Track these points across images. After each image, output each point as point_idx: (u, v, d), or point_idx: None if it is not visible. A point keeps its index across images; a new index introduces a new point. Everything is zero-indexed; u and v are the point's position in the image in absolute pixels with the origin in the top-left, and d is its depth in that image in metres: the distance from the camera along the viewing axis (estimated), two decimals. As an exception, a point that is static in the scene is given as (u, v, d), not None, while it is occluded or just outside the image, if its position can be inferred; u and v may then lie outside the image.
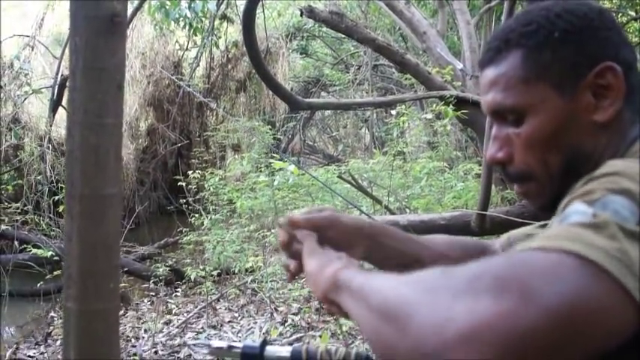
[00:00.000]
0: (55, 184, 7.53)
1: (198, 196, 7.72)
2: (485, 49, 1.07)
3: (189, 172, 7.80)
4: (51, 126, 8.44)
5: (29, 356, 4.37)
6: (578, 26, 0.98)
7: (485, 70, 1.05)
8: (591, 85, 0.97)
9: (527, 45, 1.00)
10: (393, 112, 5.92)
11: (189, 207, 7.57)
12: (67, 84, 1.53)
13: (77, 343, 1.51)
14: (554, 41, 0.98)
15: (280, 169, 5.72)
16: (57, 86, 8.22)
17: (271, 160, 6.20)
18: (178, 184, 7.87)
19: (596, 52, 0.97)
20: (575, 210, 0.77)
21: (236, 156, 10.82)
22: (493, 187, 4.24)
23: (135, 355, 4.01)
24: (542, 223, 1.36)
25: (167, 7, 8.86)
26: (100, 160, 1.48)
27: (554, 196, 1.01)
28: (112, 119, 1.49)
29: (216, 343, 1.24)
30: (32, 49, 9.38)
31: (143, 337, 4.45)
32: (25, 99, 8.64)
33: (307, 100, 6.42)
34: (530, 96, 1.00)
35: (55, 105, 8.35)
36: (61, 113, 8.39)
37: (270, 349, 1.21)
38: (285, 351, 1.21)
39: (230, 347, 1.22)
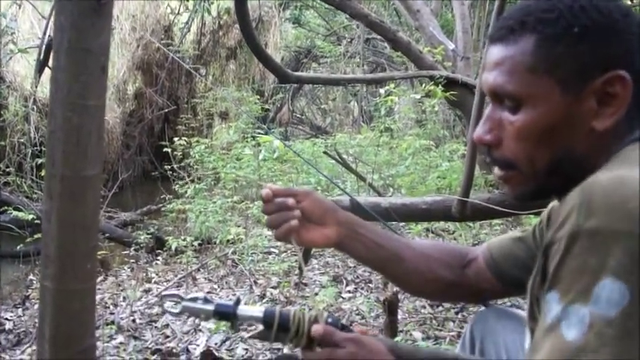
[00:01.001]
0: (38, 147, 7.48)
1: (183, 163, 7.70)
2: (498, 26, 1.03)
3: (176, 139, 7.76)
4: (36, 87, 8.34)
5: (6, 319, 4.38)
6: (600, 25, 0.94)
7: (493, 47, 1.02)
8: (598, 91, 0.94)
9: (543, 32, 0.96)
10: (382, 90, 5.90)
11: (174, 173, 7.56)
12: (51, 61, 1.51)
13: (52, 321, 1.52)
14: (572, 36, 0.94)
15: (266, 142, 5.70)
16: (44, 46, 8.11)
17: (257, 134, 6.18)
18: (164, 149, 7.85)
19: (612, 56, 0.94)
20: (565, 313, 0.79)
21: (223, 124, 10.79)
22: (477, 170, 4.26)
23: (112, 322, 4.02)
24: (520, 235, 1.38)
25: (159, -30, 8.74)
26: (81, 142, 1.47)
27: (535, 190, 1.04)
28: (95, 101, 1.48)
29: (189, 301, 1.23)
30: (19, 7, 9.23)
31: (121, 305, 4.46)
32: (11, 58, 8.52)
33: (296, 73, 6.38)
34: (534, 86, 0.97)
35: (41, 65, 8.24)
36: (48, 73, 8.29)
37: (243, 308, 1.22)
38: (258, 311, 1.22)
39: (203, 304, 1.22)
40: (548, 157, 0.98)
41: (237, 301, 1.23)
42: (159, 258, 5.65)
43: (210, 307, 1.22)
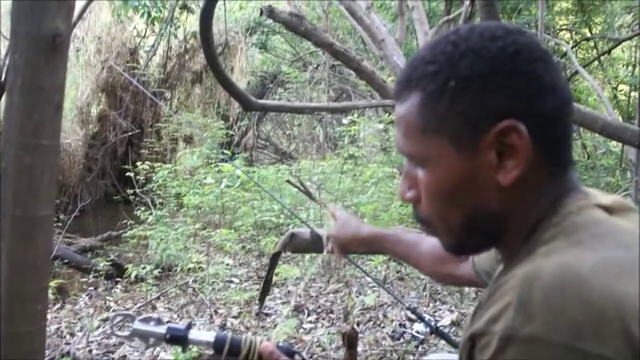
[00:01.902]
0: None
1: (146, 188, 7.64)
2: (397, 80, 0.97)
3: (139, 163, 7.70)
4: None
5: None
6: (482, 73, 0.86)
7: (396, 103, 0.95)
8: (493, 144, 0.86)
9: (425, 89, 0.89)
10: (345, 120, 5.93)
11: (137, 198, 7.49)
12: (4, 100, 1.49)
13: (0, 364, 1.49)
14: (452, 91, 0.87)
15: (227, 170, 5.69)
16: (5, 69, 7.97)
17: (220, 163, 6.15)
18: (127, 173, 7.78)
19: (501, 105, 0.85)
20: None
21: (187, 148, 10.72)
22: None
23: (68, 354, 3.94)
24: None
25: (126, -7, 8.70)
26: (33, 182, 1.45)
27: (460, 246, 0.98)
28: (48, 140, 1.46)
29: (139, 324, 1.24)
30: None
31: (78, 335, 4.38)
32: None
33: (261, 101, 6.36)
34: (426, 148, 0.91)
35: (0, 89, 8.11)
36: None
37: (194, 333, 1.23)
38: (210, 336, 1.23)
39: (155, 326, 1.24)
40: (459, 214, 0.92)
41: (189, 326, 1.24)
42: (118, 286, 5.57)
43: (161, 330, 1.22)
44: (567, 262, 0.77)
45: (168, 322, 1.30)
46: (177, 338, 1.22)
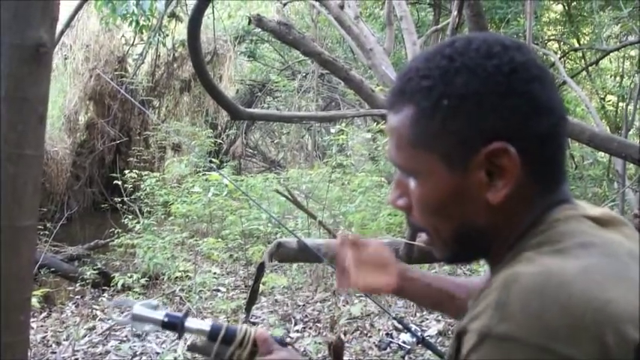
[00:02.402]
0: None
1: (133, 196, 7.62)
2: (390, 89, 0.96)
3: (127, 171, 7.69)
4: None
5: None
6: (476, 92, 0.85)
7: (388, 112, 0.95)
8: (483, 164, 0.86)
9: (419, 105, 0.88)
10: (333, 129, 5.94)
11: (124, 206, 7.47)
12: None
13: (-18, 375, 1.48)
14: (445, 109, 0.86)
15: (215, 179, 5.68)
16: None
17: (208, 171, 6.15)
18: (114, 182, 7.77)
19: (494, 126, 0.85)
20: None
21: (176, 157, 10.70)
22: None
23: (54, 363, 3.92)
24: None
25: (114, 2, 8.68)
26: (17, 192, 1.44)
27: (452, 256, 0.98)
28: (32, 151, 1.46)
29: (138, 308, 1.25)
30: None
31: (64, 344, 4.35)
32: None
33: (249, 110, 6.37)
34: (418, 162, 0.90)
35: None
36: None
37: (191, 320, 1.26)
38: (206, 325, 1.25)
39: (153, 312, 1.25)
40: (449, 227, 0.92)
41: (187, 314, 1.27)
42: (105, 294, 5.54)
43: (159, 316, 1.24)
44: (549, 267, 0.78)
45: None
46: (174, 325, 1.25)
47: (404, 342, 3.74)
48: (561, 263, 0.78)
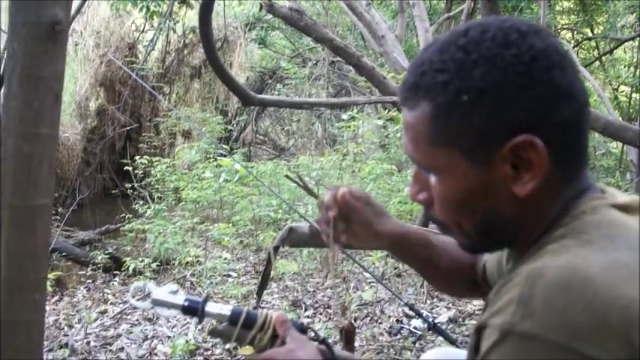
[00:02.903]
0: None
1: (144, 182, 7.64)
2: (402, 83, 0.92)
3: (137, 157, 7.70)
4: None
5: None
6: (496, 84, 0.81)
7: (403, 107, 0.92)
8: (509, 157, 0.83)
9: (435, 101, 0.85)
10: (344, 116, 5.92)
11: (135, 192, 7.50)
12: (3, 89, 1.49)
13: (-2, 353, 1.48)
14: (464, 105, 0.83)
15: (226, 165, 5.68)
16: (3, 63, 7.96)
17: (218, 156, 6.15)
18: (125, 168, 7.78)
19: (517, 118, 0.82)
20: None
21: (186, 143, 10.72)
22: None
23: (66, 345, 3.93)
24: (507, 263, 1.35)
25: (125, -12, 8.68)
26: (32, 171, 1.45)
27: (475, 246, 0.97)
28: (48, 129, 1.46)
29: (158, 293, 1.24)
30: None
31: (76, 327, 4.37)
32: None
33: (260, 96, 6.38)
34: (438, 159, 0.88)
35: None
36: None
37: (211, 305, 1.24)
38: (227, 309, 1.23)
39: (174, 297, 1.23)
40: (472, 221, 0.91)
41: (207, 298, 1.25)
42: (116, 279, 5.56)
43: (179, 301, 1.23)
44: (574, 262, 0.76)
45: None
46: (195, 309, 1.23)
47: (415, 328, 3.74)
48: (586, 257, 0.76)
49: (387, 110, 6.06)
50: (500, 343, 0.75)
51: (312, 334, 1.30)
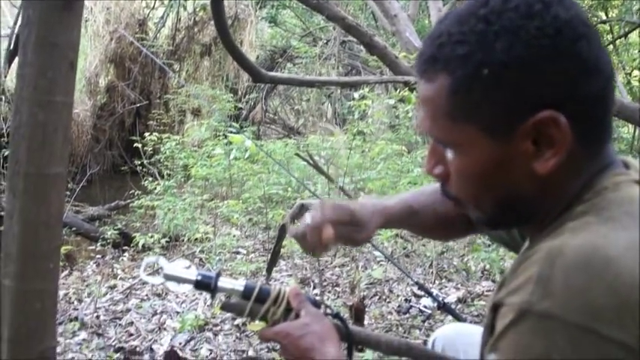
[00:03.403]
0: (5, 138, 7.34)
1: (153, 159, 7.64)
2: (419, 54, 0.90)
3: (147, 134, 7.70)
4: (6, 77, 8.20)
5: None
6: (519, 58, 0.78)
7: (419, 81, 0.90)
8: (530, 133, 0.81)
9: (455, 74, 0.83)
10: (356, 94, 5.89)
11: (144, 169, 7.51)
12: (18, 57, 1.48)
13: (12, 321, 1.49)
14: (485, 79, 0.80)
15: (237, 141, 5.67)
16: (14, 36, 7.96)
17: (229, 133, 6.14)
18: (134, 144, 7.79)
19: (540, 93, 0.80)
20: None
21: (195, 121, 10.71)
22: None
23: (76, 319, 3.96)
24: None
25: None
26: (46, 139, 1.44)
27: (491, 222, 0.95)
28: (62, 97, 1.45)
29: (170, 268, 1.24)
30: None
31: (86, 301, 4.40)
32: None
33: (270, 73, 6.36)
34: (456, 135, 0.86)
35: (11, 55, 8.10)
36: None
37: (224, 280, 1.25)
38: (239, 284, 1.24)
39: (186, 272, 1.24)
40: (491, 197, 0.89)
41: (219, 273, 1.26)
42: (125, 254, 5.59)
43: (192, 276, 1.23)
44: (595, 240, 0.74)
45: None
46: (207, 284, 1.23)
47: (424, 307, 3.76)
48: (608, 235, 0.75)
49: (397, 90, 6.01)
50: (517, 323, 0.74)
51: (326, 309, 1.30)
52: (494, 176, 0.86)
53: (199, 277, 1.23)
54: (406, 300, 4.05)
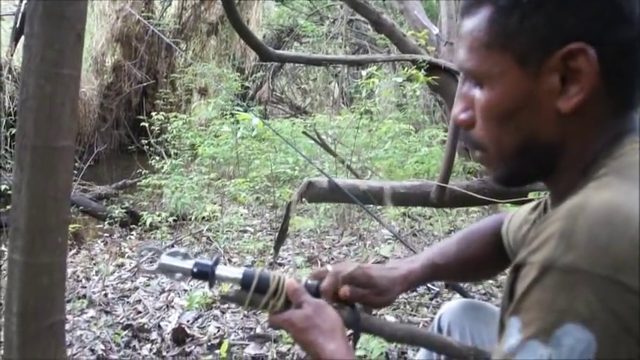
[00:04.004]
0: (12, 116, 7.34)
1: (160, 138, 7.64)
2: None
3: (153, 113, 7.69)
4: (12, 55, 8.18)
5: (-26, 290, 4.32)
6: None
7: (463, 19, 0.93)
8: (559, 66, 0.83)
9: (496, 4, 0.87)
10: (364, 72, 5.86)
11: (151, 148, 7.50)
12: (25, 29, 1.46)
13: (21, 295, 1.48)
14: (524, 6, 0.84)
15: (245, 119, 5.66)
16: (20, 14, 7.94)
17: (236, 111, 6.13)
18: (141, 124, 7.78)
19: (574, 26, 0.82)
20: (523, 346, 0.73)
21: (202, 100, 10.68)
22: (456, 157, 4.25)
23: (84, 296, 3.97)
24: (532, 215, 1.33)
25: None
26: (54, 111, 1.42)
27: (509, 175, 0.96)
28: (70, 70, 1.43)
29: (166, 258, 1.22)
30: (-3, -27, 9.02)
31: (93, 279, 4.42)
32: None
33: (278, 51, 6.33)
34: (490, 64, 0.88)
35: (17, 33, 8.08)
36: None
37: (222, 268, 1.22)
38: (237, 272, 1.22)
39: (182, 261, 1.21)
40: (513, 139, 0.90)
41: (217, 261, 1.23)
42: (133, 233, 5.60)
43: (188, 265, 1.20)
44: (616, 198, 0.74)
45: (195, 256, 1.27)
46: (205, 274, 1.21)
47: (432, 285, 3.75)
48: (629, 193, 0.75)
49: (405, 69, 5.97)
50: (540, 279, 0.73)
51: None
52: (519, 113, 0.88)
53: (196, 269, 1.21)
54: (414, 278, 4.04)
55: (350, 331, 1.24)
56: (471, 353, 1.28)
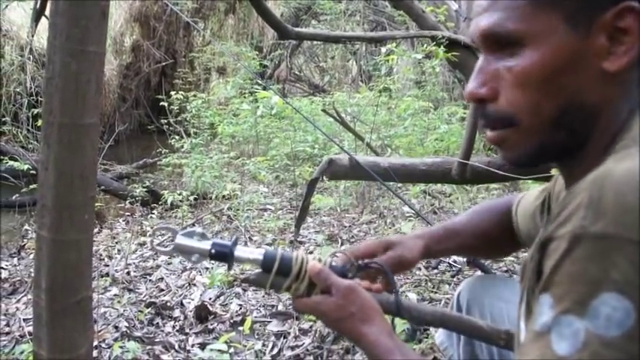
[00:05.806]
0: (34, 96, 7.40)
1: (179, 118, 7.66)
2: None
3: (173, 93, 7.71)
4: (33, 36, 8.22)
5: (2, 268, 4.38)
6: None
7: None
8: (608, 26, 0.82)
9: None
10: (383, 49, 5.82)
11: (170, 128, 7.53)
12: (48, 10, 1.46)
13: (49, 271, 1.50)
14: None
15: (264, 97, 5.65)
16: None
17: (255, 90, 6.13)
18: (160, 103, 7.81)
19: None
20: (557, 322, 0.71)
21: (221, 79, 10.69)
22: (477, 134, 4.22)
23: (107, 275, 4.02)
24: (541, 197, 1.34)
25: None
26: (80, 89, 1.42)
27: (535, 151, 0.92)
28: (95, 47, 1.43)
29: (181, 238, 1.16)
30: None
31: (116, 258, 4.46)
32: (7, 6, 8.37)
33: (296, 29, 6.29)
34: (536, 24, 0.85)
35: (38, 14, 8.10)
36: (44, 23, 8.15)
37: (241, 249, 1.16)
38: (258, 253, 1.16)
39: (199, 241, 1.15)
40: (554, 105, 0.86)
41: (236, 242, 1.17)
42: (154, 212, 5.64)
43: (206, 246, 1.14)
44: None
45: (216, 235, 1.22)
46: (223, 255, 1.14)
47: (454, 262, 3.75)
48: None
49: (424, 46, 5.91)
50: (571, 251, 0.71)
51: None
52: (564, 75, 0.85)
53: (213, 250, 1.14)
54: (434, 256, 4.04)
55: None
56: (503, 337, 1.26)
